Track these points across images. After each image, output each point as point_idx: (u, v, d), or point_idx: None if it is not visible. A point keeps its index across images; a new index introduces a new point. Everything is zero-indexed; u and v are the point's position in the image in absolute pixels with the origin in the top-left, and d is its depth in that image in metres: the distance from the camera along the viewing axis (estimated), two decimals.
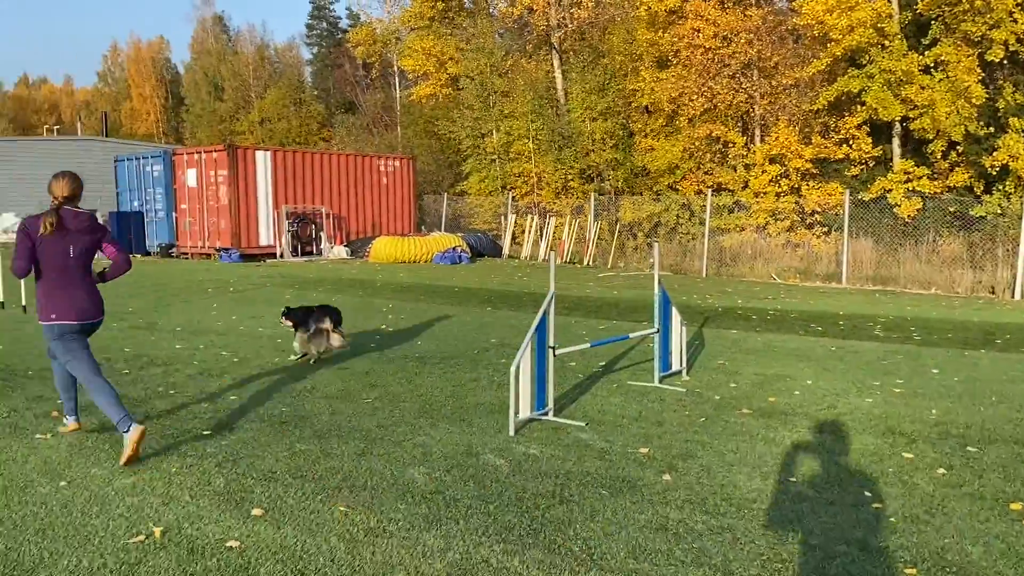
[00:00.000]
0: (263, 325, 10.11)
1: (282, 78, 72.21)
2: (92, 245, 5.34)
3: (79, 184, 5.41)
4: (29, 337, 9.14)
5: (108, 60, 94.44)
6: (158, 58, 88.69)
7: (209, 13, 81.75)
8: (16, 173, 26.20)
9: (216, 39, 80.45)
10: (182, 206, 21.94)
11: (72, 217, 5.23)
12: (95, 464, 4.87)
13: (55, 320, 5.26)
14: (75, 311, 5.25)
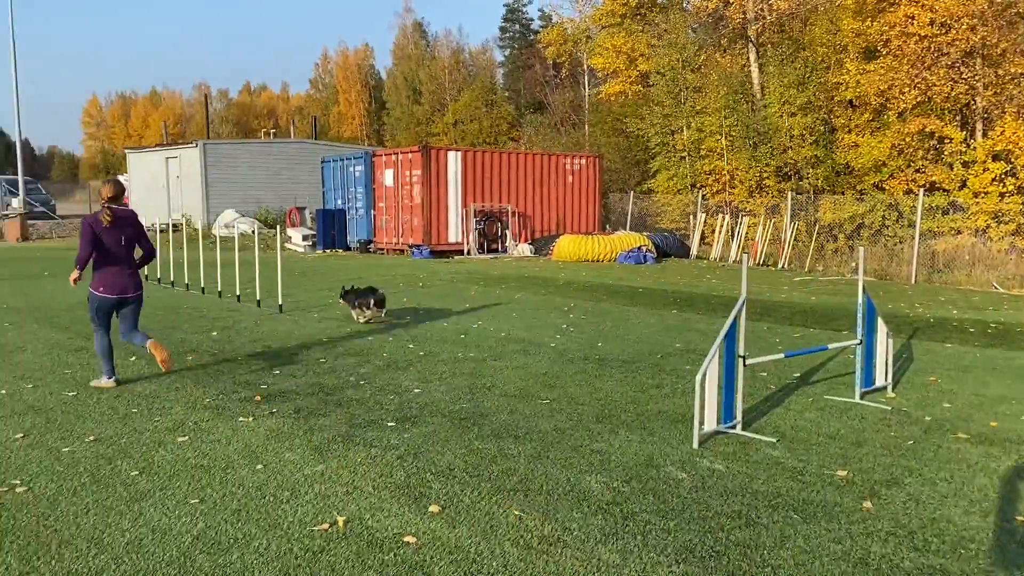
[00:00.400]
0: (448, 320, 10.34)
1: (475, 80, 74.39)
2: (135, 235, 6.87)
3: (121, 188, 6.88)
4: (243, 327, 9.87)
5: (319, 68, 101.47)
6: (363, 65, 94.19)
7: (410, 20, 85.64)
8: (238, 173, 28.65)
9: (415, 45, 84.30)
10: (380, 204, 23.07)
11: (121, 212, 6.73)
12: (289, 449, 5.11)
13: (101, 293, 6.75)
14: (117, 288, 6.79)
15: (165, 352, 6.82)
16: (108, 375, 6.82)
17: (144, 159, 32.36)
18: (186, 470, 4.73)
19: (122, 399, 6.35)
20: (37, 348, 8.41)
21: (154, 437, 5.36)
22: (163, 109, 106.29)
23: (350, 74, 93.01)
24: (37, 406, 6.12)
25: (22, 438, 5.32)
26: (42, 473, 4.65)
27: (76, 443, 5.22)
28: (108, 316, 6.89)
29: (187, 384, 6.85)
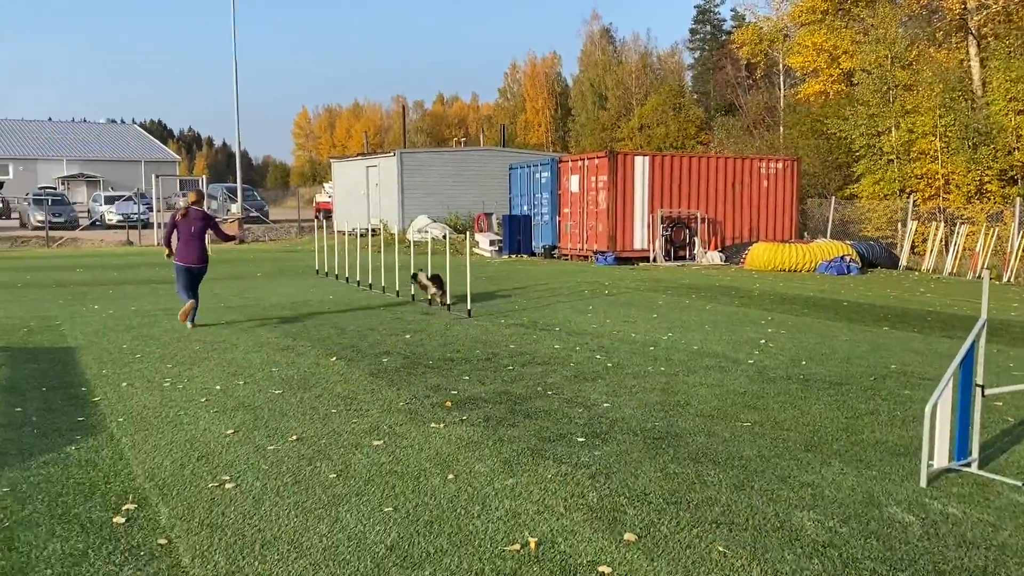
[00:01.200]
0: (636, 330, 10.03)
1: (663, 84, 73.21)
2: (203, 227, 10.27)
3: (200, 195, 10.52)
4: (434, 331, 10.06)
5: (508, 77, 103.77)
6: (550, 73, 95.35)
7: (597, 27, 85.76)
8: (431, 180, 29.71)
9: (603, 51, 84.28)
10: (564, 210, 23.07)
11: (195, 212, 10.21)
12: (479, 460, 5.04)
13: (179, 262, 10.07)
14: (188, 260, 10.06)
15: (185, 312, 9.98)
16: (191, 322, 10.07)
17: (347, 168, 34.31)
18: (381, 475, 4.76)
19: (323, 399, 6.57)
20: (248, 345, 8.95)
21: (351, 440, 5.47)
22: (364, 120, 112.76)
23: (537, 82, 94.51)
24: (246, 403, 6.45)
25: (232, 434, 5.60)
26: (249, 470, 4.84)
27: (280, 441, 5.41)
28: (182, 278, 10.08)
29: (382, 386, 7.00)
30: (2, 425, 5.74)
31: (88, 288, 14.69)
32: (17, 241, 30.08)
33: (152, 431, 5.64)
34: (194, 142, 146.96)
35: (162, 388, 6.92)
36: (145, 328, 10.06)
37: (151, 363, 7.96)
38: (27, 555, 3.66)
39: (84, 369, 7.66)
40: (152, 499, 4.35)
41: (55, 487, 4.51)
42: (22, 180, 60.47)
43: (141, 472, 4.78)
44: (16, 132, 69.90)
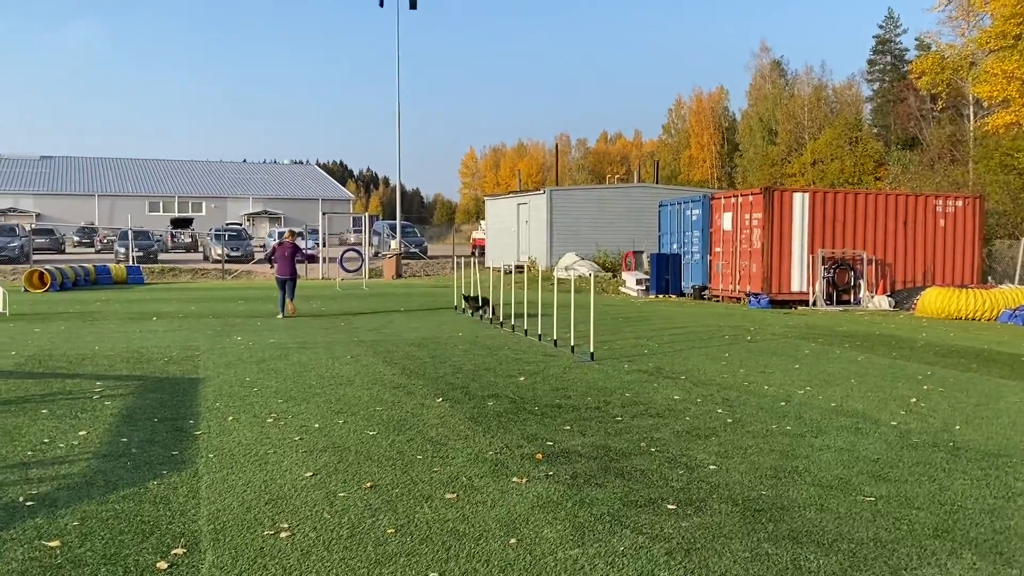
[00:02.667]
0: (770, 382, 9.23)
1: (838, 117, 69.84)
2: (292, 253, 16.34)
3: (293, 234, 17.03)
4: (550, 374, 9.71)
5: (672, 113, 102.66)
6: (717, 108, 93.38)
7: (767, 59, 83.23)
8: (581, 217, 29.54)
9: (773, 84, 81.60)
10: (716, 249, 22.12)
11: (288, 243, 16.47)
12: (550, 523, 4.62)
13: (277, 275, 16.34)
14: (281, 273, 16.15)
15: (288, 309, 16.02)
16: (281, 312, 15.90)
17: (499, 205, 34.80)
18: (440, 534, 4.44)
19: (413, 443, 6.36)
20: (363, 382, 8.96)
21: (425, 490, 5.20)
22: (528, 159, 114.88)
23: (703, 117, 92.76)
24: (338, 443, 6.35)
25: (310, 476, 5.48)
26: (310, 519, 4.66)
27: (353, 488, 5.23)
28: (280, 287, 16.25)
29: (478, 433, 6.72)
30: (102, 455, 5.92)
31: (240, 320, 15.47)
32: (198, 273, 32.53)
33: (235, 469, 5.62)
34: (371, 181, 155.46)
35: (264, 424, 6.97)
36: (273, 361, 10.34)
37: (264, 397, 8.09)
38: None
39: (200, 401, 7.89)
40: (203, 544, 4.25)
41: (120, 524, 4.52)
42: (213, 217, 65.86)
43: (206, 513, 4.72)
44: (211, 173, 76.36)
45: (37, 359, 10.30)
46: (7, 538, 4.28)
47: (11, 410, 7.33)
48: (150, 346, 11.59)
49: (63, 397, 7.97)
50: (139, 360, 10.29)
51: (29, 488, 5.12)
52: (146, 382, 8.85)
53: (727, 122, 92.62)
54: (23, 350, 11.04)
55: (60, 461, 5.74)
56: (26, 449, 6.04)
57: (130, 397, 8.03)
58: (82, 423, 6.87)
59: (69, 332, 13.16)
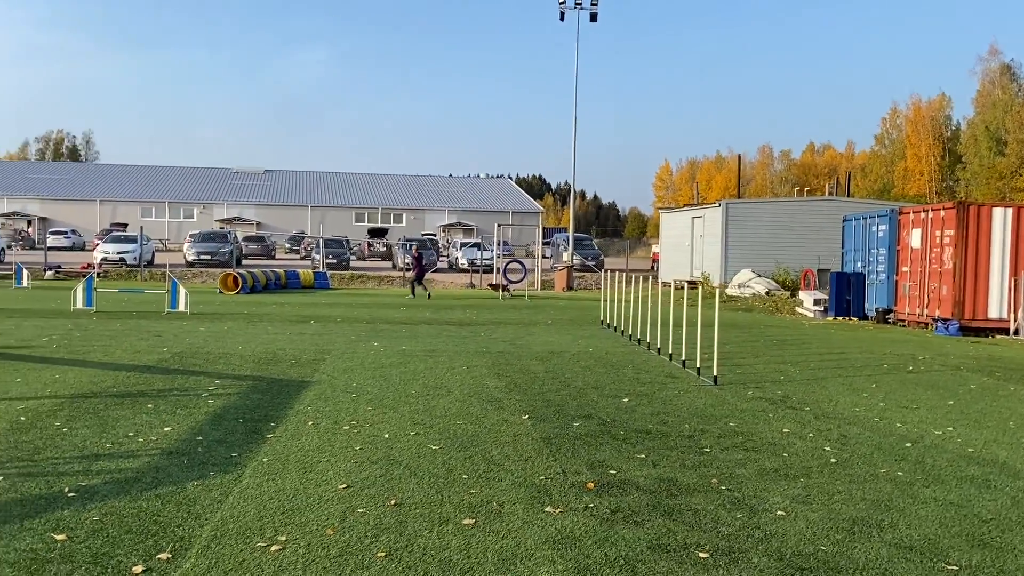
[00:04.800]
0: (907, 420, 8.09)
1: None
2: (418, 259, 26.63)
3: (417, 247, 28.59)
4: (659, 397, 9.12)
5: (886, 122, 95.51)
6: (937, 116, 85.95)
7: (996, 63, 75.47)
8: (759, 232, 27.99)
9: (1003, 89, 73.89)
10: (903, 268, 20.09)
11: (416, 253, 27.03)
12: (549, 564, 4.20)
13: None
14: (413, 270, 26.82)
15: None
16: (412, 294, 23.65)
17: (674, 219, 33.78)
18: (427, 564, 4.16)
19: (470, 462, 6.10)
20: (461, 393, 8.83)
21: (445, 513, 4.94)
22: (725, 171, 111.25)
23: (921, 127, 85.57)
24: (393, 457, 6.22)
25: (343, 489, 5.38)
26: (310, 534, 4.54)
27: (375, 505, 5.06)
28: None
29: (542, 455, 6.35)
30: (168, 452, 6.15)
31: (389, 326, 15.92)
32: (383, 280, 34.15)
33: (277, 476, 5.64)
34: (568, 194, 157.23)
35: (337, 431, 6.99)
36: (390, 368, 10.47)
37: (357, 404, 8.16)
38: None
39: (296, 404, 8.08)
40: (191, 552, 4.23)
41: (132, 523, 4.62)
42: (412, 227, 69.22)
43: (217, 519, 4.72)
44: (415, 186, 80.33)
45: (181, 356, 11.08)
46: (26, 527, 4.49)
47: (123, 402, 7.87)
48: (288, 348, 12.15)
49: (176, 393, 8.46)
50: (269, 361, 10.79)
51: (81, 480, 5.38)
52: (260, 383, 9.22)
53: (949, 132, 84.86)
54: (175, 347, 11.94)
55: (128, 455, 6.02)
56: (108, 441, 6.41)
57: (234, 397, 8.38)
58: (173, 419, 7.22)
59: (227, 332, 14.12)
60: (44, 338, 12.59)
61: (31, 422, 6.94)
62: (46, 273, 30.18)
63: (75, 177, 76.23)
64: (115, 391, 8.43)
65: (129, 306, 18.74)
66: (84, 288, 17.68)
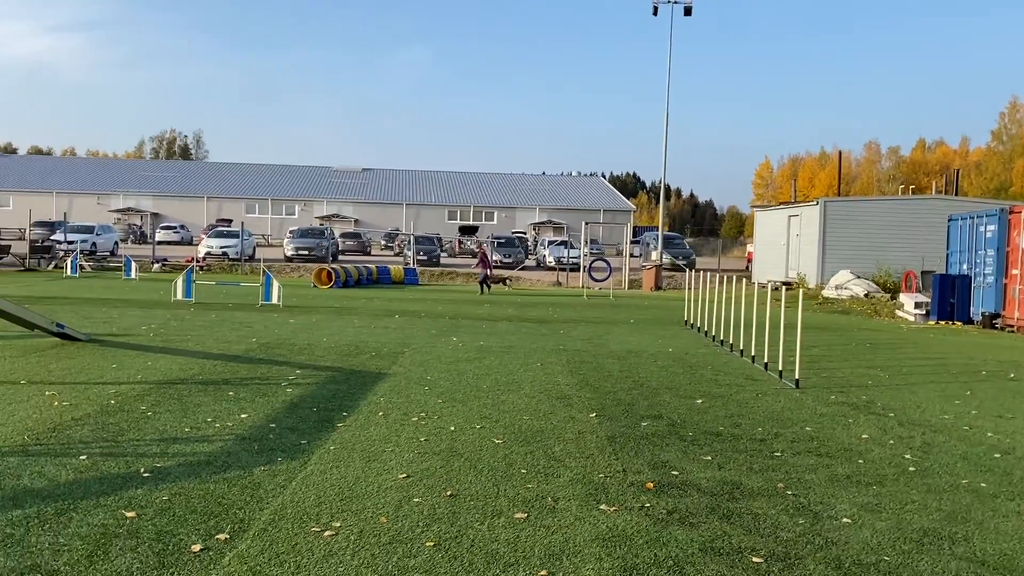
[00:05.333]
0: (1001, 429, 7.64)
1: None
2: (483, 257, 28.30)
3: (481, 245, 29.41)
4: (734, 399, 8.90)
5: (1005, 117, 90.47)
6: None
7: None
8: (860, 232, 26.93)
9: None
10: (1013, 271, 18.96)
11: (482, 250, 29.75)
12: (596, 561, 4.16)
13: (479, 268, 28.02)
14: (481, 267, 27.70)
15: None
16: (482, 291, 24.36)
17: (769, 217, 32.87)
18: (474, 555, 4.18)
19: (530, 457, 6.10)
20: (532, 390, 8.84)
21: (500, 506, 4.95)
22: (829, 168, 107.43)
23: None
24: (456, 450, 6.28)
25: (402, 479, 5.46)
26: (365, 521, 4.63)
27: (432, 495, 5.12)
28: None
29: (605, 453, 6.30)
30: (241, 438, 6.38)
31: (470, 322, 16.08)
32: (471, 277, 34.49)
33: (341, 464, 5.77)
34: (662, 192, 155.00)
35: (405, 423, 7.10)
36: (465, 363, 10.58)
37: (428, 397, 8.27)
38: (94, 562, 3.91)
39: (369, 395, 8.26)
40: (248, 534, 4.38)
41: (198, 504, 4.81)
42: (503, 225, 69.73)
43: (277, 503, 4.88)
44: (507, 184, 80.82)
45: (267, 346, 11.48)
46: (101, 503, 4.74)
47: (206, 389, 8.21)
48: (370, 341, 12.42)
49: (258, 382, 8.77)
50: (350, 353, 11.06)
51: (157, 461, 5.65)
52: (338, 374, 9.47)
53: None
54: (263, 338, 12.38)
55: (203, 439, 6.28)
56: (187, 425, 6.70)
57: (312, 386, 8.63)
58: (251, 407, 7.49)
59: (315, 324, 14.54)
60: (143, 327, 13.27)
61: (119, 405, 7.33)
62: (154, 266, 31.78)
63: (185, 175, 79.96)
64: (200, 379, 8.81)
65: (226, 298, 19.54)
66: (184, 280, 18.53)
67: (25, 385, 8.10)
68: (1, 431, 6.27)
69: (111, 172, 79.31)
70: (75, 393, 7.77)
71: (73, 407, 7.17)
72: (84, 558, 3.95)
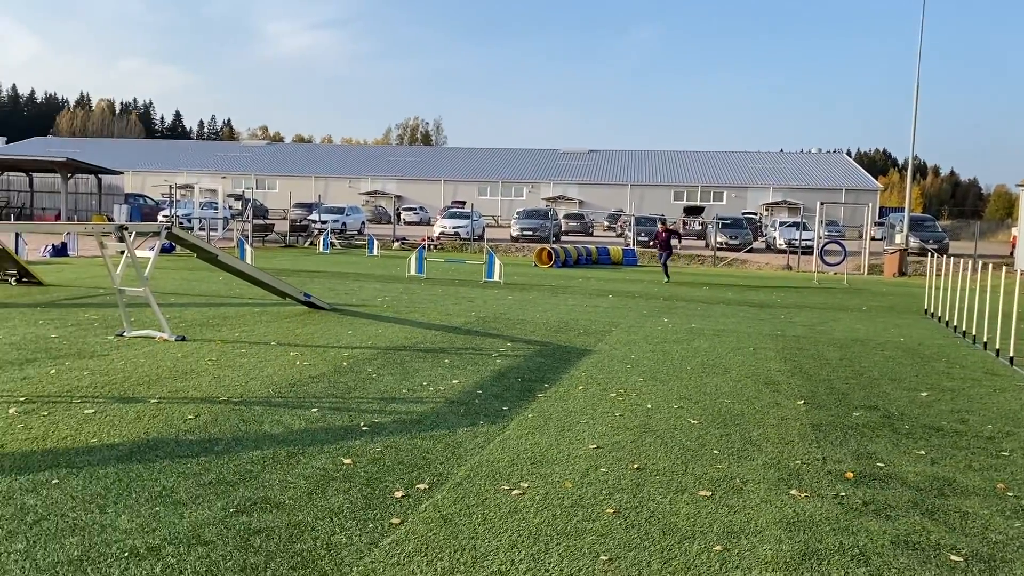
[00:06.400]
0: None
1: None
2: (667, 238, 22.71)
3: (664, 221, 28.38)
4: (971, 395, 8.19)
5: None
6: None
7: None
8: None
9: None
10: None
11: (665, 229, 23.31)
12: (776, 543, 4.12)
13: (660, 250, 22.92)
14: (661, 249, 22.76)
15: None
16: None
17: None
18: (650, 526, 4.28)
19: (725, 439, 6.06)
20: (739, 374, 8.66)
21: (685, 483, 5.00)
22: None
23: None
24: (648, 425, 6.36)
25: (592, 449, 5.64)
26: (551, 484, 4.86)
27: (619, 466, 5.26)
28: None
29: (806, 440, 6.10)
30: (450, 401, 6.87)
31: (684, 303, 15.88)
32: (694, 259, 33.87)
33: (537, 431, 6.06)
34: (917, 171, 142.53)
35: (603, 397, 7.27)
36: (672, 344, 10.53)
37: (630, 375, 8.38)
38: (313, 499, 4.46)
39: (572, 370, 8.51)
40: (445, 486, 4.76)
41: (408, 456, 5.29)
42: (732, 205, 67.57)
43: (474, 461, 5.24)
44: (737, 163, 78.11)
45: (484, 320, 12.11)
46: (324, 450, 5.35)
47: (426, 356, 8.87)
48: (580, 319, 12.70)
49: (471, 352, 9.32)
50: (560, 329, 11.39)
51: (375, 417, 6.25)
52: (546, 348, 9.81)
53: None
54: (481, 312, 13.06)
55: (417, 401, 6.84)
56: (405, 388, 7.31)
57: (520, 358, 9.03)
58: (462, 374, 8.00)
59: (530, 301, 15.07)
60: (378, 299, 14.46)
61: (349, 367, 8.13)
62: (394, 244, 34.26)
63: (425, 159, 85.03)
64: (422, 346, 9.52)
65: (453, 275, 20.71)
66: (416, 258, 19.88)
67: (274, 346, 9.20)
68: (251, 384, 7.21)
69: (361, 158, 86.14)
70: (314, 355, 8.71)
71: (311, 366, 8.06)
72: (305, 495, 4.52)
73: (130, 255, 9.38)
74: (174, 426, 5.78)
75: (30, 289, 13.91)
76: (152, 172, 72.63)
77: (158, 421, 5.89)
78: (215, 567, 3.58)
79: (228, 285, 15.08)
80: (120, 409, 6.19)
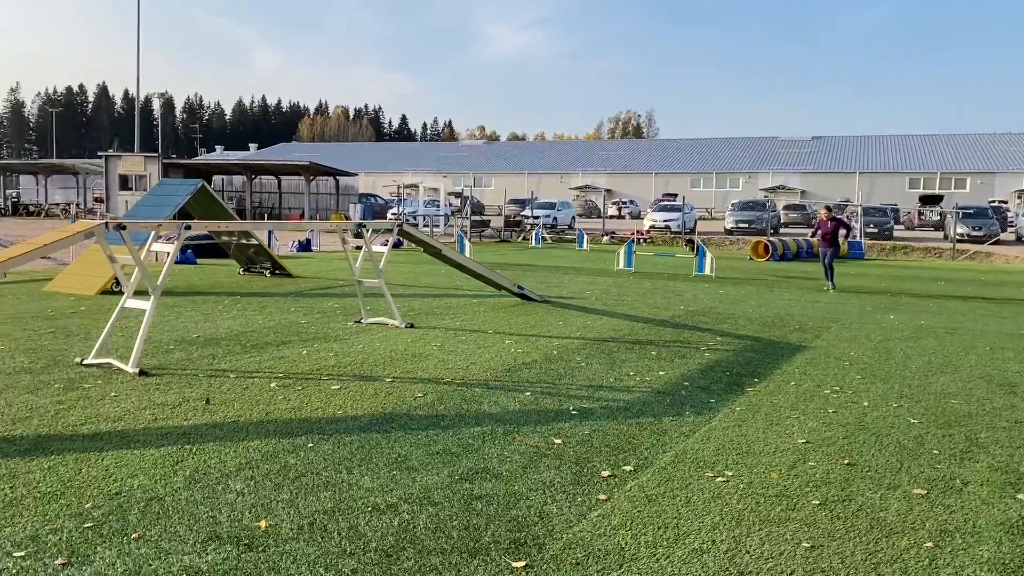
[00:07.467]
0: None
1: None
2: (835, 228, 16.99)
3: (829, 209, 17.39)
4: None
5: None
6: None
7: None
8: None
9: None
10: None
11: (830, 218, 17.06)
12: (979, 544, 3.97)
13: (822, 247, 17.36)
14: (823, 246, 17.15)
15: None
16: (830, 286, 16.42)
17: None
18: (860, 521, 4.27)
19: (948, 439, 5.80)
20: (969, 375, 8.13)
21: (900, 480, 4.89)
22: None
23: None
24: (862, 423, 6.20)
25: (800, 443, 5.62)
26: (756, 474, 4.94)
27: (828, 461, 5.23)
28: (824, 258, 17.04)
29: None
30: (656, 391, 7.05)
31: (914, 299, 14.89)
32: (930, 252, 31.39)
33: (745, 423, 6.10)
34: None
35: (816, 394, 7.14)
36: (898, 342, 10.01)
37: (847, 372, 8.12)
38: (527, 472, 4.85)
39: (784, 365, 8.37)
40: (650, 469, 4.99)
41: (615, 440, 5.56)
42: (978, 193, 61.76)
43: (679, 448, 5.41)
44: (984, 146, 71.14)
45: (693, 313, 12.11)
46: (537, 430, 5.75)
47: (633, 348, 9.09)
48: (796, 314, 12.34)
49: (679, 345, 9.42)
50: (772, 325, 11.17)
51: (584, 403, 6.58)
52: (757, 343, 9.70)
53: None
54: (690, 305, 13.05)
55: (624, 389, 7.09)
56: (612, 376, 7.59)
57: (729, 352, 9.02)
58: (669, 366, 8.15)
59: (743, 295, 14.80)
60: (587, 292, 14.84)
61: (560, 355, 8.53)
62: (603, 238, 34.62)
63: (636, 152, 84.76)
64: (629, 338, 9.75)
65: (663, 268, 20.70)
66: (625, 251, 20.08)
67: (491, 334, 9.81)
68: (471, 368, 7.80)
69: (572, 153, 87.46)
70: (527, 343, 9.22)
71: (524, 354, 8.55)
72: (520, 468, 4.92)
73: (368, 250, 10.36)
74: (406, 402, 6.44)
75: (282, 280, 15.66)
76: (381, 173, 78.07)
77: (393, 398, 6.58)
78: (443, 525, 4.05)
79: (449, 277, 16.10)
80: (360, 386, 6.97)
